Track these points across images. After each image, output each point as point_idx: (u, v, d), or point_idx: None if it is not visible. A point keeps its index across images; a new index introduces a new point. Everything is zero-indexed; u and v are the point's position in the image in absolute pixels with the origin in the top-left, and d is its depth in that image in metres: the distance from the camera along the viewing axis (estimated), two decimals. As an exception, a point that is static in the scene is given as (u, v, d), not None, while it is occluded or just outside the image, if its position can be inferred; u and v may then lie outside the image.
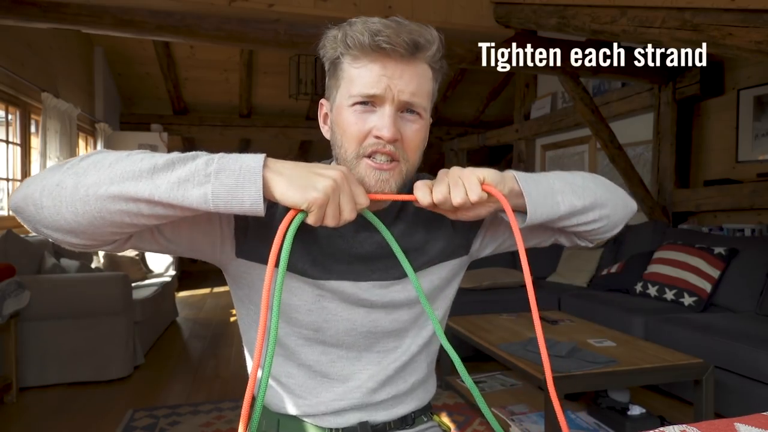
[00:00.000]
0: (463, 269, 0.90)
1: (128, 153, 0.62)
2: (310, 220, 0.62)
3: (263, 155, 0.62)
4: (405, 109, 0.71)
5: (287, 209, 0.63)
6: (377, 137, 0.70)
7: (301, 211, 0.62)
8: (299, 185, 0.61)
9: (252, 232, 0.75)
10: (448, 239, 0.83)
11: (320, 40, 0.75)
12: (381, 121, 0.69)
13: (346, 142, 0.72)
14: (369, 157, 0.71)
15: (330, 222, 0.63)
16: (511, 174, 0.73)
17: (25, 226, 0.63)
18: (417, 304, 0.83)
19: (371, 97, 0.70)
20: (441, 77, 0.76)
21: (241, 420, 0.57)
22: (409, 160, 0.73)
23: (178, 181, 0.58)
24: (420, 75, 0.71)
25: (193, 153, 0.62)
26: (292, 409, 0.81)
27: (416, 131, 0.72)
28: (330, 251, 0.77)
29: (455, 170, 0.70)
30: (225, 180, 0.59)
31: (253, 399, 0.61)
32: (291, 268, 0.74)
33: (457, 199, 0.68)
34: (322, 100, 0.79)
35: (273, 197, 0.62)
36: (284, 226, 0.62)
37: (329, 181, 0.61)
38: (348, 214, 0.64)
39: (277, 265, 0.62)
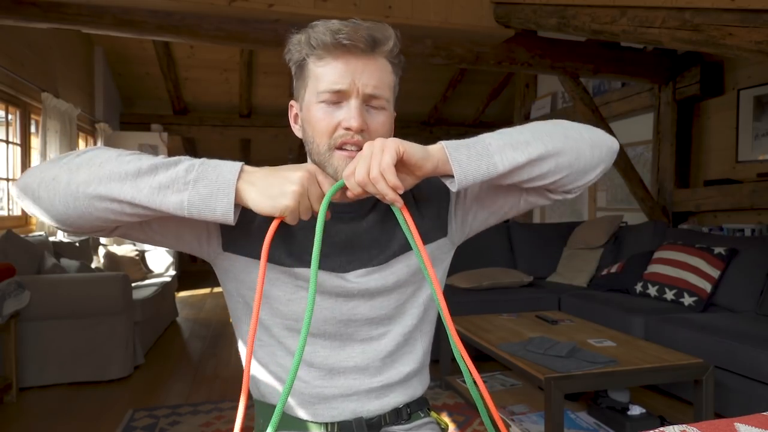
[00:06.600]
0: (447, 252, 0.90)
1: (119, 153, 0.68)
2: (288, 221, 0.69)
3: (240, 165, 0.67)
4: (369, 101, 0.76)
5: None
6: (346, 128, 0.74)
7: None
8: (270, 195, 0.66)
9: (237, 227, 0.79)
10: (419, 225, 0.83)
11: (286, 45, 0.79)
12: (348, 113, 0.74)
13: (317, 137, 0.76)
14: (340, 148, 0.75)
15: (305, 217, 0.70)
16: (439, 145, 0.72)
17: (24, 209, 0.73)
18: (396, 290, 0.84)
19: (337, 93, 0.74)
20: (400, 71, 0.82)
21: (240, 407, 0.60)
22: None
23: (159, 187, 0.64)
24: (380, 69, 0.77)
25: (177, 158, 0.67)
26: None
27: (381, 122, 0.77)
28: (306, 242, 0.80)
29: (365, 152, 0.70)
30: (201, 189, 0.64)
31: (250, 396, 0.63)
32: (270, 258, 0.79)
33: (357, 189, 0.70)
34: (292, 102, 0.84)
35: (248, 207, 0.68)
36: (271, 233, 0.70)
37: (296, 187, 0.67)
38: (318, 207, 0.70)
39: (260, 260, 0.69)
